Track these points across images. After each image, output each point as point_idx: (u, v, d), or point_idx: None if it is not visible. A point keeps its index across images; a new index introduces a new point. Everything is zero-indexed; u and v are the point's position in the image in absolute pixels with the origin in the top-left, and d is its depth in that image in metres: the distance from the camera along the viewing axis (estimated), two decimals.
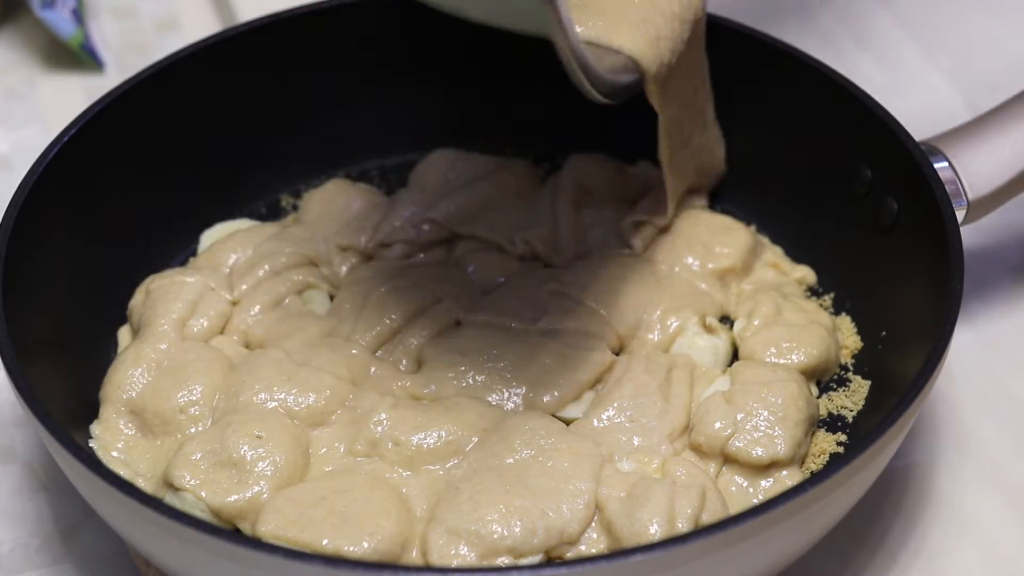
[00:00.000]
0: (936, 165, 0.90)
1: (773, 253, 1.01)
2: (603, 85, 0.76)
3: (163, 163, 1.01)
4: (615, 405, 0.88)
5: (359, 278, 0.97)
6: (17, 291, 0.84)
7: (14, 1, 1.30)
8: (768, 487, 0.85)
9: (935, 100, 1.22)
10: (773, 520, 0.72)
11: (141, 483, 0.85)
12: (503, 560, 0.79)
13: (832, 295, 0.99)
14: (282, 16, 1.03)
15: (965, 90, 1.22)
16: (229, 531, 0.79)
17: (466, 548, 0.79)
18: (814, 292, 0.98)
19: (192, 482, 0.82)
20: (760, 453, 0.85)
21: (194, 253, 1.02)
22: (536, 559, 0.80)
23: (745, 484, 0.85)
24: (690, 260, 0.97)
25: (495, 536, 0.80)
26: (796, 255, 1.01)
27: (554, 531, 0.80)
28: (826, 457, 0.88)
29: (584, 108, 1.10)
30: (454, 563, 0.79)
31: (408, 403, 0.88)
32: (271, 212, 1.07)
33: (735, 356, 0.93)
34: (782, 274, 0.99)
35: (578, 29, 0.74)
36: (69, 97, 1.22)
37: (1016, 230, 1.08)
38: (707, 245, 0.98)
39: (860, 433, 0.89)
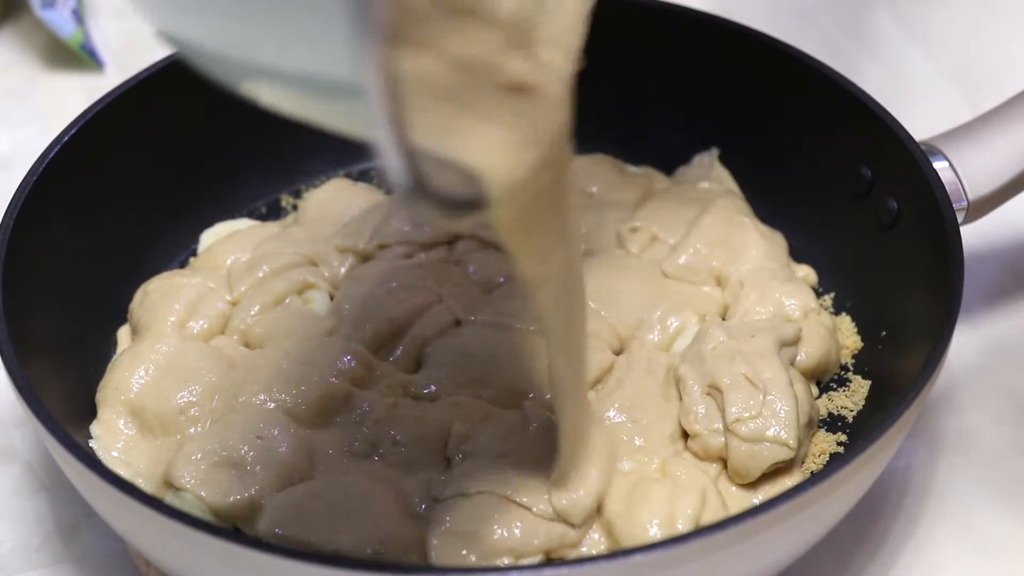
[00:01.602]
0: (936, 165, 0.90)
1: None
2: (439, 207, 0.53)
3: (163, 163, 1.01)
4: (616, 405, 0.88)
5: (359, 278, 0.97)
6: (17, 291, 0.84)
7: (14, 1, 1.30)
8: (768, 487, 0.85)
9: (935, 100, 1.22)
10: (773, 520, 0.71)
11: (141, 483, 0.85)
12: (503, 561, 0.79)
13: (832, 295, 0.99)
14: None
15: (965, 90, 1.22)
16: (229, 531, 0.79)
17: (466, 549, 0.79)
18: (814, 292, 0.98)
19: (192, 482, 0.82)
20: None
21: (194, 253, 1.02)
22: (536, 559, 0.80)
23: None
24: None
25: (495, 537, 0.79)
26: (796, 255, 1.01)
27: (555, 532, 0.80)
28: (826, 457, 0.88)
29: (584, 108, 1.10)
30: (454, 563, 0.79)
31: (408, 403, 0.88)
32: (271, 212, 1.07)
33: None
34: None
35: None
36: (69, 97, 1.22)
37: (1016, 230, 1.08)
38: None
39: (860, 433, 0.89)
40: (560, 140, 0.61)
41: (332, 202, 1.03)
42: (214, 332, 0.93)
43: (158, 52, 0.97)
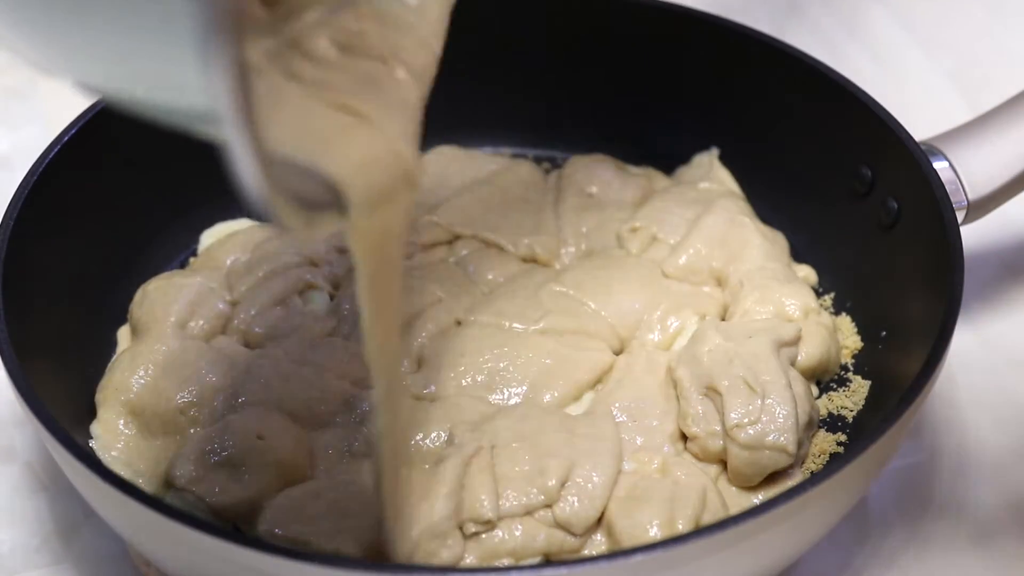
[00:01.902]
0: (936, 165, 0.90)
1: None
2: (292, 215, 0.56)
3: (163, 163, 1.00)
4: (616, 405, 0.88)
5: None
6: (17, 291, 0.84)
7: None
8: (768, 487, 0.85)
9: (935, 100, 1.22)
10: (773, 520, 0.71)
11: (141, 483, 0.85)
12: (503, 562, 0.79)
13: (832, 295, 0.99)
14: None
15: (965, 90, 1.22)
16: (229, 531, 0.79)
17: (466, 553, 0.79)
18: (814, 292, 0.98)
19: (192, 482, 0.82)
20: None
21: (194, 253, 1.02)
22: (536, 560, 0.80)
23: None
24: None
25: (495, 540, 0.79)
26: (796, 255, 1.01)
27: (556, 538, 0.80)
28: (826, 457, 0.88)
29: (584, 108, 1.10)
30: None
31: (408, 403, 0.88)
32: None
33: None
34: None
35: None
36: (69, 97, 1.21)
37: (1016, 230, 1.08)
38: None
39: (860, 433, 0.89)
40: (414, 154, 0.63)
41: None
42: (214, 332, 0.93)
43: None
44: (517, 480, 0.81)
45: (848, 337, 0.95)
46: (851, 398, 0.92)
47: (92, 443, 0.87)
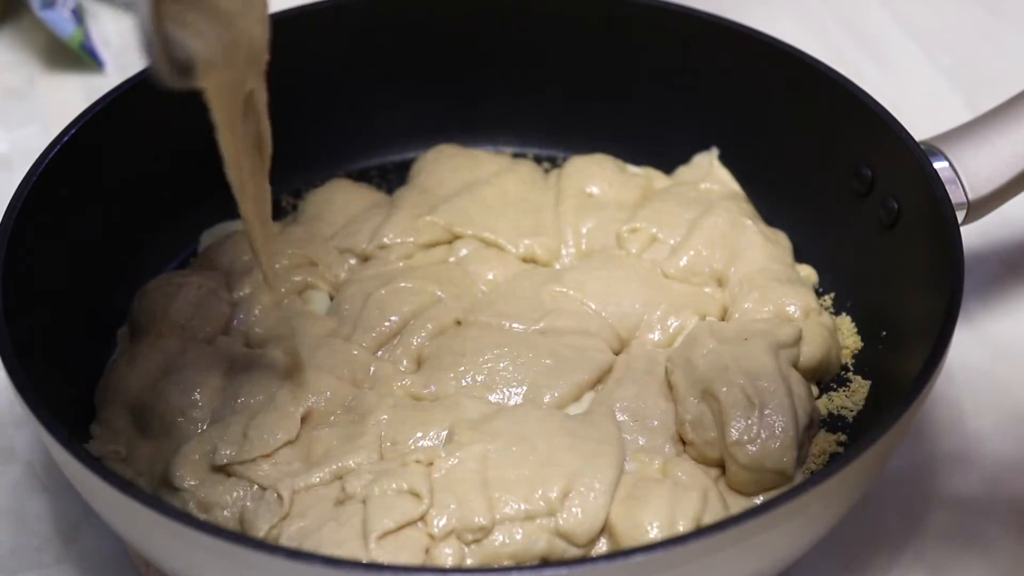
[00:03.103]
0: (936, 165, 0.90)
1: None
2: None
3: (163, 163, 1.01)
4: (617, 405, 0.88)
5: (359, 278, 0.97)
6: (17, 291, 0.84)
7: (14, 1, 1.30)
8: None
9: (935, 100, 1.22)
10: (773, 520, 0.71)
11: (141, 483, 0.85)
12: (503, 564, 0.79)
13: (832, 295, 0.99)
14: (281, 16, 1.03)
15: (965, 90, 1.22)
16: (229, 531, 0.79)
17: (468, 557, 0.79)
18: (815, 292, 0.98)
19: (191, 482, 0.82)
20: None
21: (195, 253, 1.02)
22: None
23: None
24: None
25: (495, 544, 0.79)
26: (797, 255, 1.01)
27: (557, 546, 0.80)
28: (826, 457, 0.88)
29: (585, 108, 1.10)
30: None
31: (408, 403, 0.88)
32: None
33: None
34: None
35: None
36: (69, 97, 1.22)
37: (1016, 230, 1.08)
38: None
39: (860, 433, 0.89)
40: (253, 48, 0.79)
41: (332, 202, 1.03)
42: (215, 332, 0.93)
43: None
44: (518, 485, 0.80)
45: (848, 337, 0.95)
46: (851, 398, 0.92)
47: (92, 443, 0.87)
